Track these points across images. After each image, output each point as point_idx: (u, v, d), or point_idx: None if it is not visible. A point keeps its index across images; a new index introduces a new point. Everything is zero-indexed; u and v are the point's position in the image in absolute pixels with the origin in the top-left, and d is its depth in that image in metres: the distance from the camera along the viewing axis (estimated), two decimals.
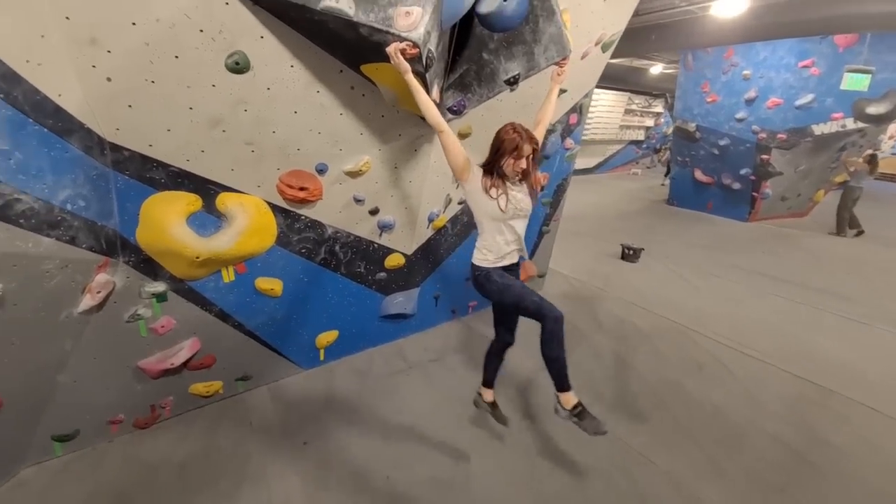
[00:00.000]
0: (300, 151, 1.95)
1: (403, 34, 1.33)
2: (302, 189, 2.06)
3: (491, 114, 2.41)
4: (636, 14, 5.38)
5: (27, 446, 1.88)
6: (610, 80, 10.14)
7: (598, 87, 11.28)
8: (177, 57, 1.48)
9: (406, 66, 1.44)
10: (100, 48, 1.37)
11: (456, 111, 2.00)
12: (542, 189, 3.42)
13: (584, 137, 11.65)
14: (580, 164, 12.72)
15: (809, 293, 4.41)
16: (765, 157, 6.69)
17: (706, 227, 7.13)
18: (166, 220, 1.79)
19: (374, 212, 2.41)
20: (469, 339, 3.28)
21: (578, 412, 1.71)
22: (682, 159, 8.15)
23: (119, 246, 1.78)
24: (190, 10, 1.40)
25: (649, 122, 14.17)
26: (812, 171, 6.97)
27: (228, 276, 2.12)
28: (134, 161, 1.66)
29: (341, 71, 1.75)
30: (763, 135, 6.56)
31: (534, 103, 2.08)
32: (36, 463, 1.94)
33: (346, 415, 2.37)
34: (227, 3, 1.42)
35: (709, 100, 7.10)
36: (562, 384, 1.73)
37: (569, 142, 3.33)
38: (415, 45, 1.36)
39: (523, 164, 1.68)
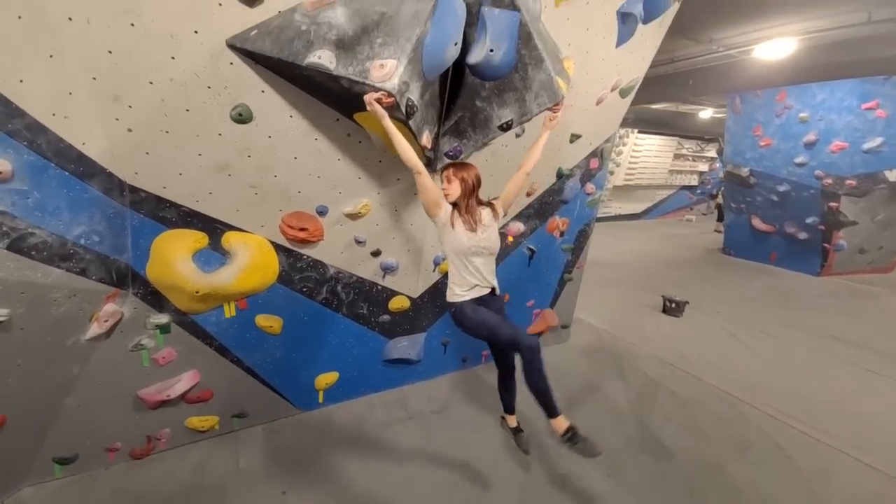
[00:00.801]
0: (301, 194, 2.04)
1: (377, 84, 1.38)
2: (302, 230, 2.13)
3: (496, 158, 2.39)
4: (671, 61, 5.31)
5: (30, 465, 1.97)
6: (655, 124, 9.93)
7: (642, 131, 11.01)
8: (187, 110, 1.64)
9: (382, 112, 1.48)
10: (122, 104, 1.56)
11: (452, 156, 2.01)
12: (562, 235, 3.28)
13: (628, 182, 11.37)
14: (627, 208, 12.28)
15: (894, 364, 3.70)
16: (833, 204, 6.01)
17: (768, 280, 6.40)
18: (172, 256, 1.92)
19: (375, 253, 2.42)
20: (478, 390, 3.08)
21: (570, 436, 1.76)
22: (736, 206, 7.56)
23: (130, 278, 1.91)
24: (199, 71, 1.56)
25: (702, 167, 13.51)
26: (894, 222, 6.12)
27: (230, 311, 2.19)
28: (150, 201, 1.82)
29: (337, 119, 1.84)
30: (829, 181, 5.94)
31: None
32: (36, 483, 2.02)
33: (334, 466, 2.25)
34: (231, 64, 1.57)
35: (762, 143, 6.64)
36: (550, 411, 1.81)
37: (590, 187, 3.21)
38: (389, 94, 1.40)
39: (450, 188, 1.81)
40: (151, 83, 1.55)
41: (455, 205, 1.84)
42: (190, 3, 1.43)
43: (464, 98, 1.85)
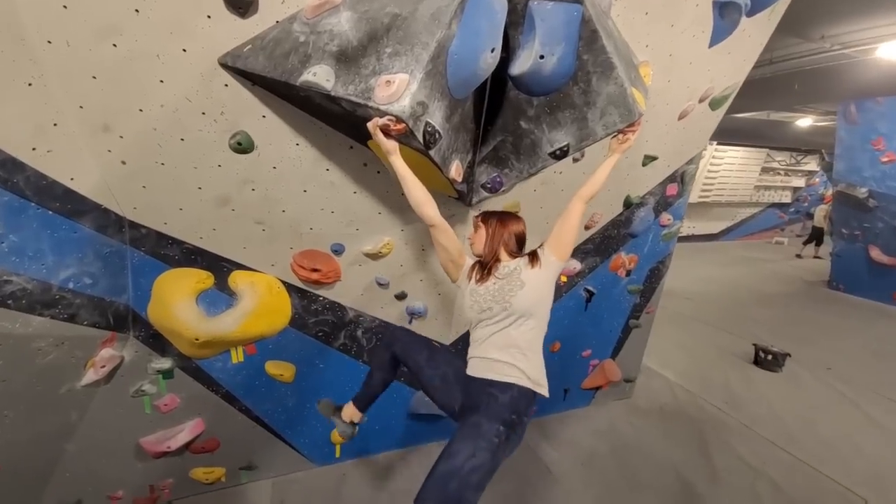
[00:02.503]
0: (313, 231, 1.77)
1: (383, 107, 1.04)
2: (315, 270, 1.85)
3: (547, 188, 1.96)
4: (770, 62, 4.49)
5: None
6: (739, 135, 8.72)
7: (723, 143, 9.75)
8: (182, 139, 1.43)
9: (390, 145, 1.14)
10: (113, 134, 1.38)
11: (491, 188, 1.62)
12: (629, 274, 2.72)
13: (704, 199, 10.11)
14: (701, 228, 10.95)
15: None
16: None
17: (893, 327, 5.14)
18: (172, 299, 1.72)
19: (400, 296, 2.09)
20: (520, 453, 2.59)
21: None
22: (849, 232, 6.28)
23: (130, 320, 1.75)
24: (191, 94, 1.34)
25: (798, 182, 11.73)
26: None
27: (237, 356, 1.97)
28: (150, 238, 1.65)
29: (351, 147, 1.54)
30: None
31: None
32: None
33: None
34: (226, 85, 1.33)
35: (884, 159, 5.44)
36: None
37: (666, 217, 2.64)
38: (399, 119, 1.05)
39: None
40: (141, 110, 1.35)
41: (479, 261, 1.46)
42: (175, 18, 1.21)
43: (505, 118, 1.46)
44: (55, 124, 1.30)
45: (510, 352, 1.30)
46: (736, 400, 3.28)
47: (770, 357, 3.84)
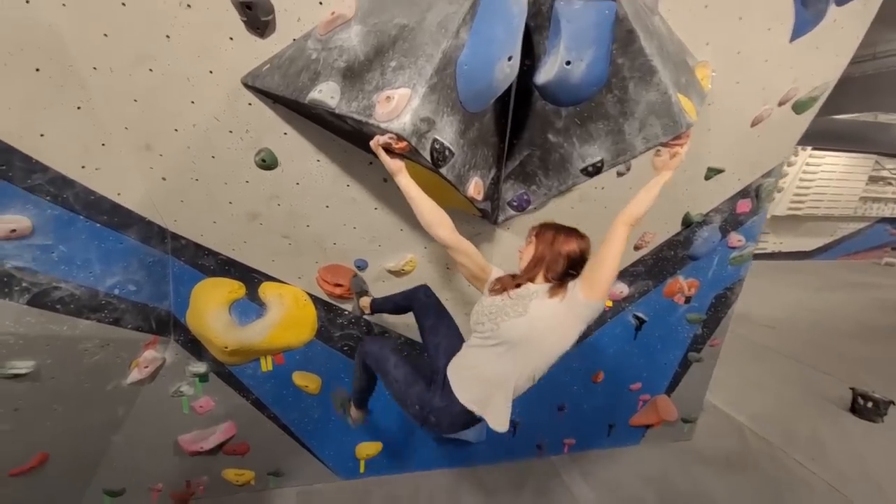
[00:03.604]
0: (336, 246, 1.76)
1: (383, 125, 0.97)
2: (337, 286, 1.84)
3: (586, 206, 1.78)
4: (873, 57, 3.82)
5: (82, 493, 2.05)
6: (839, 139, 7.53)
7: (818, 148, 8.51)
8: (213, 157, 1.49)
9: (394, 164, 1.06)
10: (154, 152, 1.47)
11: (517, 206, 1.49)
12: (688, 301, 2.40)
13: (795, 212, 8.86)
14: (789, 245, 9.61)
15: None
16: None
17: None
18: (206, 307, 1.80)
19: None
20: (552, 489, 2.39)
21: None
22: None
23: (171, 325, 1.86)
24: (218, 114, 1.38)
25: None
26: None
27: (266, 365, 2.02)
28: (189, 248, 1.74)
29: (371, 163, 1.50)
30: None
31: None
32: None
33: None
34: (249, 104, 1.36)
35: None
36: None
37: (735, 238, 2.29)
38: (400, 137, 0.98)
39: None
40: (177, 130, 1.42)
41: (510, 274, 1.31)
42: (202, 42, 1.25)
43: (532, 131, 1.33)
44: (103, 144, 1.41)
45: (475, 376, 1.21)
46: (824, 454, 2.75)
47: (870, 404, 3.19)
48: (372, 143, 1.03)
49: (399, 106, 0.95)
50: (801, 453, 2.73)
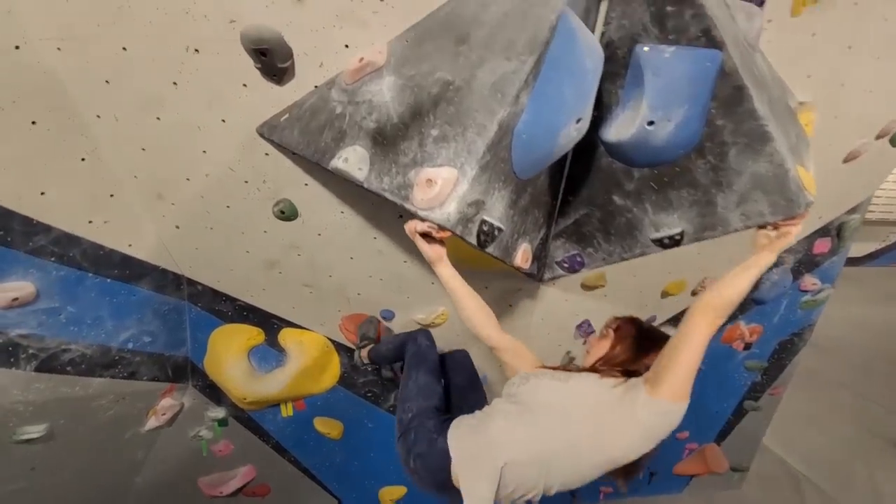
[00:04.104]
0: (361, 296, 1.61)
1: (422, 213, 0.79)
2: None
3: (646, 262, 1.55)
4: None
5: None
6: None
7: None
8: (228, 207, 1.35)
9: (433, 253, 0.88)
10: (166, 202, 1.35)
11: (569, 268, 1.29)
12: (747, 347, 2.14)
13: None
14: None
15: None
16: None
17: None
18: (224, 355, 1.70)
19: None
20: None
21: None
22: None
23: (189, 371, 1.77)
24: (233, 164, 1.24)
25: None
26: None
27: (286, 411, 1.91)
28: (206, 295, 1.63)
29: (401, 216, 1.32)
30: None
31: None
32: None
33: None
34: (266, 154, 1.20)
35: None
36: None
37: (809, 281, 2.01)
38: (441, 226, 0.80)
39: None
40: (188, 179, 1.29)
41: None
42: (212, 89, 1.10)
43: (592, 188, 1.12)
44: (112, 195, 1.29)
45: (474, 427, 0.94)
46: None
47: None
48: (407, 228, 0.86)
49: (443, 193, 0.76)
50: None
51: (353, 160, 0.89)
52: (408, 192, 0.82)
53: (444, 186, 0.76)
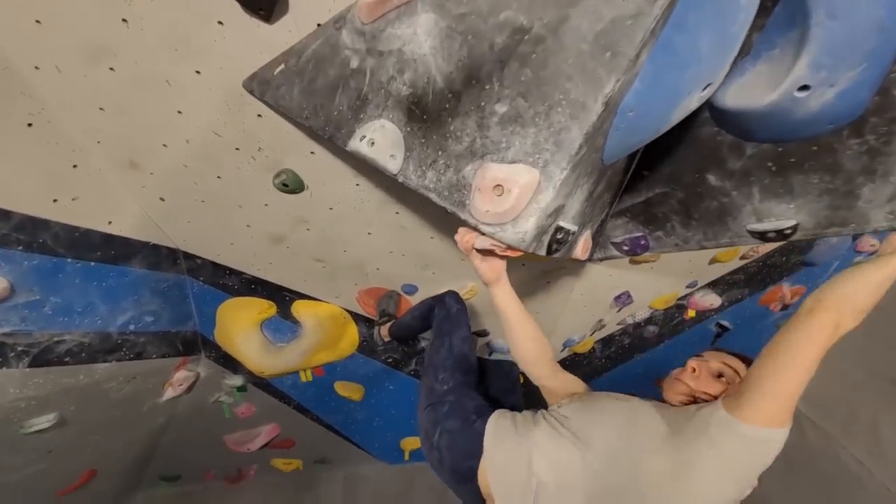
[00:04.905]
0: (380, 271, 1.44)
1: (488, 230, 0.58)
2: None
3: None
4: None
5: (140, 480, 2.11)
6: None
7: None
8: (219, 177, 1.11)
9: (491, 274, 0.69)
10: (142, 171, 1.11)
11: (628, 250, 1.10)
12: (785, 308, 2.04)
13: None
14: None
15: None
16: None
17: None
18: (235, 330, 1.59)
19: (481, 333, 1.74)
20: None
21: None
22: None
23: (200, 343, 1.67)
24: (218, 128, 0.98)
25: None
26: None
27: (306, 376, 1.86)
28: (207, 268, 1.48)
29: None
30: None
31: None
32: (147, 492, 2.19)
33: None
34: (259, 116, 0.94)
35: None
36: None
37: (868, 241, 1.82)
38: (511, 246, 0.59)
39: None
40: (165, 146, 1.04)
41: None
42: (177, 30, 0.80)
43: (680, 164, 0.88)
44: (74, 166, 1.05)
45: (518, 442, 0.76)
46: (882, 450, 2.56)
47: None
48: (460, 242, 0.65)
49: (519, 204, 0.54)
50: (859, 447, 2.55)
51: (381, 143, 0.65)
52: (464, 195, 0.60)
53: (520, 196, 0.54)
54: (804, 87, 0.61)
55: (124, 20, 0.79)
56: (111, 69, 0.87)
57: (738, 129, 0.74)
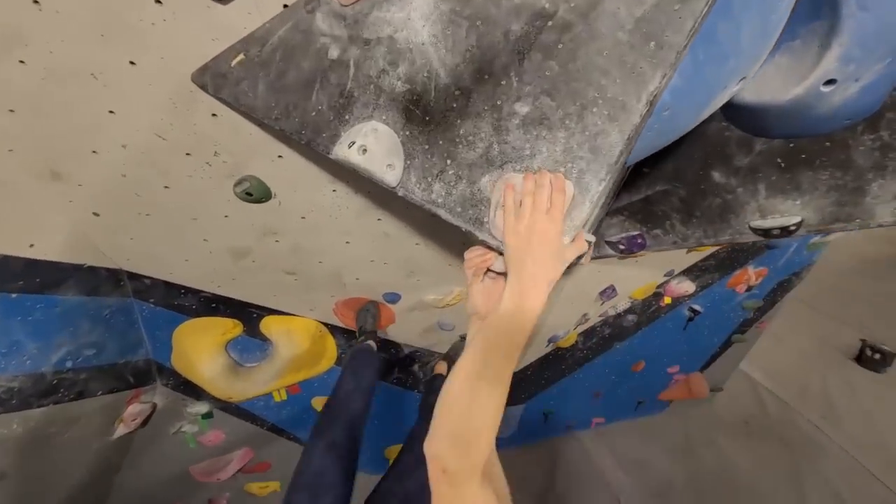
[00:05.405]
0: (360, 281, 1.33)
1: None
2: None
3: None
4: None
5: None
6: None
7: None
8: (167, 187, 0.95)
9: (490, 305, 0.60)
10: (68, 183, 0.93)
11: (623, 249, 1.06)
12: (750, 289, 2.13)
13: None
14: None
15: None
16: None
17: None
18: (197, 355, 1.42)
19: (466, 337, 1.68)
20: (577, 463, 2.39)
21: None
22: None
23: (155, 371, 1.49)
24: (163, 130, 0.82)
25: None
26: None
27: (280, 396, 1.72)
28: (157, 289, 1.29)
29: None
30: None
31: None
32: None
33: None
34: (214, 115, 0.79)
35: None
36: None
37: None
38: None
39: None
40: (95, 152, 0.87)
41: None
42: (104, 12, 0.65)
43: (684, 161, 0.85)
44: None
45: None
46: (834, 413, 2.80)
47: (878, 356, 3.23)
48: (469, 262, 0.56)
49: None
50: (814, 412, 2.78)
51: (375, 149, 0.55)
52: (481, 211, 0.51)
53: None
54: (831, 82, 0.57)
55: (35, 1, 0.62)
56: (21, 62, 0.70)
57: (753, 125, 0.70)
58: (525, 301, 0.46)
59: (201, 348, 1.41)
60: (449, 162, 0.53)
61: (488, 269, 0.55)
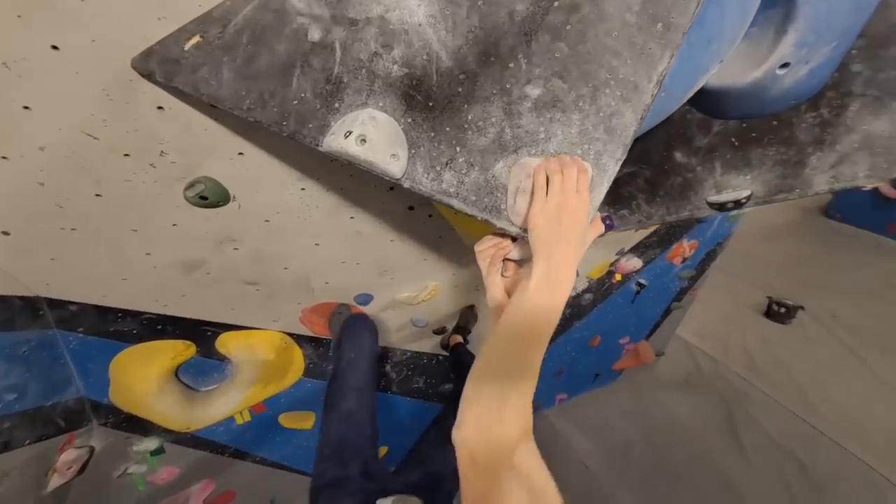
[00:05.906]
0: (329, 285, 1.25)
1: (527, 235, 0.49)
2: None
3: None
4: None
5: None
6: None
7: None
8: (99, 195, 0.81)
9: (508, 291, 0.60)
10: None
11: None
12: (685, 261, 2.36)
13: None
14: None
15: None
16: None
17: (890, 264, 5.19)
18: (142, 386, 1.25)
19: (440, 331, 1.67)
20: (545, 438, 2.50)
21: None
22: None
23: (89, 411, 1.29)
24: (94, 128, 0.70)
25: None
26: None
27: (242, 417, 1.58)
28: (87, 315, 1.12)
29: (392, 188, 0.96)
30: None
31: None
32: None
33: None
34: (160, 109, 0.69)
35: None
36: None
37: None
38: None
39: None
40: (6, 158, 0.71)
41: None
42: None
43: (649, 143, 0.90)
44: None
45: None
46: (755, 364, 3.22)
47: (783, 310, 3.76)
48: (482, 252, 0.55)
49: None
50: (739, 365, 3.17)
51: (376, 138, 0.51)
52: (497, 199, 0.49)
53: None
54: (785, 65, 0.63)
55: None
56: None
57: (712, 108, 0.76)
58: (555, 284, 0.46)
59: (148, 377, 1.24)
60: (458, 149, 0.50)
61: (505, 259, 0.54)
